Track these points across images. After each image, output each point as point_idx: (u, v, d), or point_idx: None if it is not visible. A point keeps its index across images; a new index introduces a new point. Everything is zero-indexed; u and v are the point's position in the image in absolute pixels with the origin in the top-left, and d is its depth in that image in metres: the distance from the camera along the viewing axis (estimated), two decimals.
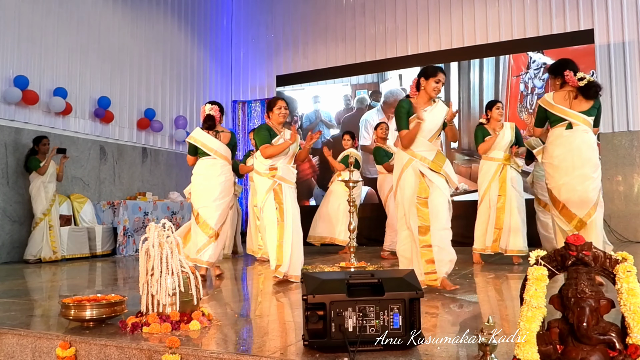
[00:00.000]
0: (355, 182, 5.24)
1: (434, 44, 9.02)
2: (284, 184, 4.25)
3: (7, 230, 6.49)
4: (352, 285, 2.03)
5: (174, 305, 2.50)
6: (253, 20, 10.72)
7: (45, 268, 5.77)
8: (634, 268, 1.68)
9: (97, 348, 2.26)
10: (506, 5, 8.57)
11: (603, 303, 1.67)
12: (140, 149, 8.65)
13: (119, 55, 8.36)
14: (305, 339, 1.99)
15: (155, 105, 8.96)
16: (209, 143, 4.58)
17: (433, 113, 3.66)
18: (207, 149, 4.56)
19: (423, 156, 3.61)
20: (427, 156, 3.61)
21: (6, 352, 2.46)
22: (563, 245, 1.74)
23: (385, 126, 6.35)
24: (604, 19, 7.93)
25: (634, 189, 7.72)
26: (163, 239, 2.55)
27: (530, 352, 1.62)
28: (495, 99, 7.45)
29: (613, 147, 7.78)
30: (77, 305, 2.51)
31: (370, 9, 9.60)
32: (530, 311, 1.67)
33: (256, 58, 10.68)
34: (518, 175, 5.27)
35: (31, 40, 6.95)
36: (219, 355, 2.03)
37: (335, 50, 9.82)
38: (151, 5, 9.06)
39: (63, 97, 7.11)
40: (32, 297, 3.80)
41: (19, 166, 6.63)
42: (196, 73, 10.07)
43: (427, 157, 3.61)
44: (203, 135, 4.61)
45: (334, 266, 5.28)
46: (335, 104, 9.12)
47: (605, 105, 7.80)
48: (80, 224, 7.14)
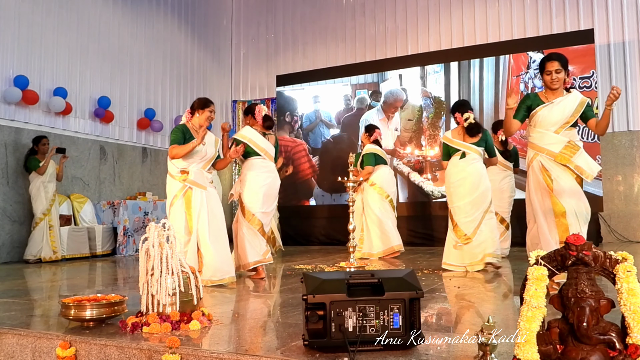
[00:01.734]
0: (355, 182, 5.23)
1: (434, 44, 9.02)
2: (195, 188, 4.01)
3: (7, 230, 6.49)
4: (352, 285, 2.02)
5: (174, 305, 2.50)
6: (253, 20, 10.72)
7: (45, 268, 5.77)
8: (634, 268, 1.68)
9: (97, 348, 2.26)
10: (506, 5, 8.57)
11: (603, 303, 1.67)
12: (140, 149, 8.65)
13: (119, 55, 8.36)
14: (305, 339, 1.99)
15: (155, 105, 8.96)
16: (261, 143, 4.54)
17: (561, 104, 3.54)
18: (258, 149, 4.51)
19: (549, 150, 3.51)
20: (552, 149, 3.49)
21: (6, 352, 2.46)
22: (563, 245, 1.74)
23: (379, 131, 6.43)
24: (604, 19, 7.92)
25: (634, 189, 7.72)
26: (163, 239, 2.55)
27: (530, 352, 1.62)
28: (495, 99, 7.49)
29: (613, 147, 7.79)
30: (77, 305, 2.51)
31: (370, 9, 9.60)
32: (530, 311, 1.67)
33: (256, 58, 10.68)
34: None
35: (31, 40, 6.95)
36: (219, 355, 2.03)
37: (335, 50, 9.82)
38: (151, 5, 9.06)
39: (63, 97, 7.11)
40: (32, 297, 3.79)
41: (19, 166, 6.63)
42: (196, 73, 10.07)
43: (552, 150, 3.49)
44: (254, 135, 4.55)
45: (334, 266, 5.29)
46: (335, 104, 9.12)
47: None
48: (80, 223, 7.14)
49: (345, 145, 8.70)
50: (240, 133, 4.60)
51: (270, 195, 4.58)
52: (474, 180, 4.59)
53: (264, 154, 4.53)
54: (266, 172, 4.54)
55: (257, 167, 4.52)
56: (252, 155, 4.52)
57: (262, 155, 4.53)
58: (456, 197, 4.64)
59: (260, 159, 4.53)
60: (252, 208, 4.44)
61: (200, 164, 4.10)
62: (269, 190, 4.55)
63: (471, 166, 4.62)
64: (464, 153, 4.66)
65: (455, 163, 4.69)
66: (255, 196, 4.45)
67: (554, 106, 3.51)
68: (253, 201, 4.45)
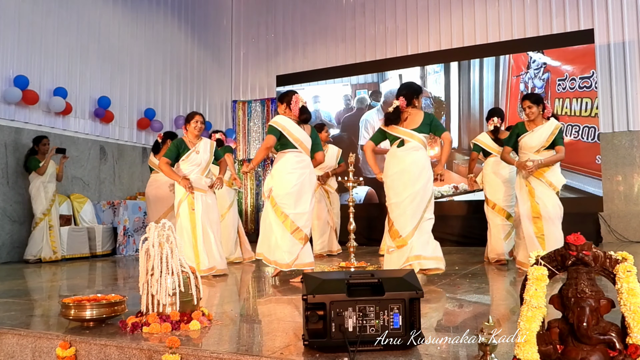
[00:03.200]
0: (355, 182, 5.22)
1: (434, 44, 9.02)
2: (197, 192, 4.61)
3: (7, 230, 6.49)
4: (352, 285, 2.02)
5: (174, 305, 2.50)
6: (253, 20, 10.72)
7: (45, 268, 5.77)
8: (634, 268, 1.68)
9: (97, 348, 2.26)
10: (506, 5, 8.57)
11: (603, 303, 1.67)
12: (140, 149, 8.65)
13: (119, 55, 8.36)
14: (305, 339, 1.99)
15: (155, 105, 8.96)
16: (297, 133, 4.15)
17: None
18: (294, 139, 4.13)
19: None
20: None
21: (6, 352, 2.46)
22: (563, 245, 1.74)
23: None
24: (604, 19, 7.92)
25: (634, 189, 7.72)
26: (163, 239, 2.54)
27: (530, 352, 1.62)
28: (495, 99, 7.48)
29: (613, 147, 7.78)
30: (77, 305, 2.51)
31: (370, 9, 9.60)
32: (530, 311, 1.67)
33: (256, 58, 10.68)
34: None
35: (31, 40, 6.95)
36: (219, 355, 2.02)
37: (335, 50, 9.82)
38: (151, 6, 9.06)
39: (63, 97, 7.11)
40: (32, 297, 3.79)
41: (19, 166, 6.62)
42: (196, 73, 10.07)
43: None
44: (290, 124, 4.16)
45: (334, 266, 5.29)
46: (335, 104, 9.12)
47: (605, 105, 7.83)
48: (80, 223, 7.14)
49: (345, 146, 8.69)
50: (276, 120, 4.19)
51: (306, 193, 4.17)
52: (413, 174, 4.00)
53: (299, 145, 4.16)
54: (301, 169, 4.17)
55: (294, 162, 4.15)
56: (285, 147, 4.18)
57: (298, 148, 4.16)
58: (393, 192, 4.04)
59: (296, 152, 4.17)
60: (285, 207, 4.12)
61: (199, 172, 4.67)
62: (305, 189, 4.16)
63: (410, 156, 4.02)
64: (402, 141, 4.07)
65: (393, 153, 4.10)
66: (284, 192, 4.11)
67: (533, 134, 4.38)
68: (286, 199, 4.11)
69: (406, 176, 3.95)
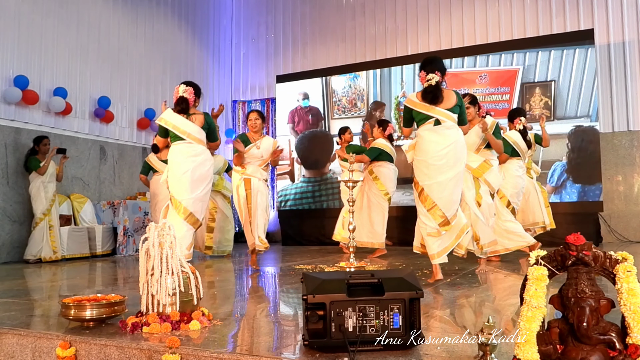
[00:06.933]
0: (355, 182, 5.22)
1: (434, 44, 9.03)
2: (252, 178, 5.07)
3: (7, 230, 6.49)
4: (352, 285, 2.02)
5: (174, 305, 2.50)
6: (253, 20, 10.72)
7: (45, 268, 5.77)
8: (634, 268, 1.68)
9: (97, 348, 2.26)
10: (506, 5, 8.57)
11: (603, 303, 1.66)
12: (140, 149, 8.65)
13: (119, 55, 8.36)
14: (305, 339, 1.99)
15: (155, 105, 8.96)
16: (182, 125, 4.34)
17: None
18: (179, 132, 4.34)
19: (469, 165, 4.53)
20: (472, 165, 4.63)
21: (6, 352, 2.46)
22: (563, 245, 1.74)
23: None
24: (604, 19, 7.93)
25: (634, 189, 7.72)
26: (163, 239, 2.54)
27: (530, 352, 1.62)
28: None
29: (613, 147, 7.79)
30: (77, 305, 2.51)
31: (370, 9, 9.61)
32: (530, 311, 1.67)
33: (256, 58, 10.68)
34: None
35: (31, 40, 6.95)
36: (219, 355, 2.02)
37: (335, 50, 9.82)
38: (151, 5, 9.06)
39: (63, 97, 7.11)
40: (32, 297, 3.79)
41: (19, 166, 6.63)
42: (196, 73, 10.07)
43: (472, 165, 4.62)
44: (175, 117, 4.36)
45: (334, 266, 5.29)
46: None
47: (605, 105, 7.83)
48: (80, 223, 7.14)
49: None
50: (161, 117, 4.43)
51: (193, 181, 4.34)
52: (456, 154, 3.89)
53: (187, 136, 4.34)
54: (192, 157, 4.35)
55: (177, 152, 4.35)
56: (175, 140, 4.39)
57: (186, 139, 4.35)
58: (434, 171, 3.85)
59: (184, 144, 4.36)
60: (176, 194, 4.32)
61: (257, 163, 5.18)
62: (196, 175, 4.35)
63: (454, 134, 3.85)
64: (437, 120, 3.82)
65: (434, 130, 3.84)
66: (172, 182, 4.34)
67: (471, 132, 4.59)
68: (176, 188, 4.33)
69: (451, 154, 3.78)
